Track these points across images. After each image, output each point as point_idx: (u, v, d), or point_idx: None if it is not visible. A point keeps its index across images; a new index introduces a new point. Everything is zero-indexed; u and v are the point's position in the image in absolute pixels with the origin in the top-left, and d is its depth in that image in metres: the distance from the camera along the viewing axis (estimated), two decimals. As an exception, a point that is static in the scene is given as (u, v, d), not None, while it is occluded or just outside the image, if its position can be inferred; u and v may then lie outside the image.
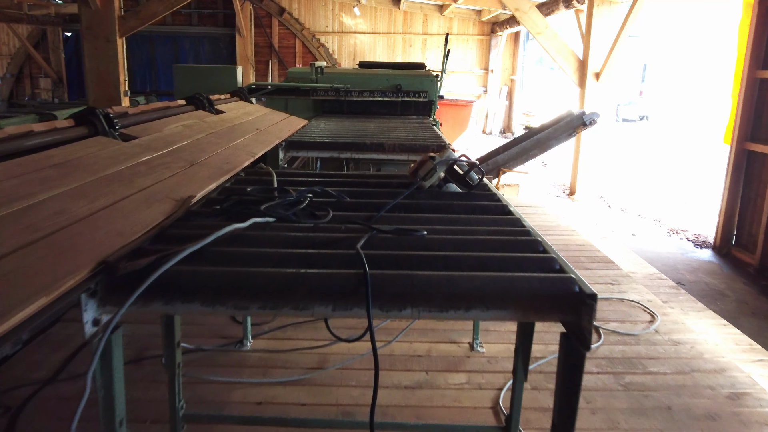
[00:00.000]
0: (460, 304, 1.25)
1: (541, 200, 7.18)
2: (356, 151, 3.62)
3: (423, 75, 5.34)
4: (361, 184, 2.24)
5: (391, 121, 4.84)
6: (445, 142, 3.61)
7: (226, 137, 2.91)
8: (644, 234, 6.14)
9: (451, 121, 10.56)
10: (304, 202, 1.75)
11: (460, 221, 1.72)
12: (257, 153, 2.79)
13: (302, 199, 1.77)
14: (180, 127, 2.79)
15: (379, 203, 1.88)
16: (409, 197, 1.96)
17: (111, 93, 7.51)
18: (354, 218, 1.70)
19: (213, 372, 2.42)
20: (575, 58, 7.64)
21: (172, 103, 3.22)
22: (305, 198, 1.79)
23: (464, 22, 14.92)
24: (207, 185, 1.98)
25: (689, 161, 11.54)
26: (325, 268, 1.33)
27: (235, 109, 3.92)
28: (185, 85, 5.36)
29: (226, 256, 1.37)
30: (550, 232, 4.68)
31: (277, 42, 14.87)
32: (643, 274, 4.35)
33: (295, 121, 4.26)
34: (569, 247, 4.32)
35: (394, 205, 1.81)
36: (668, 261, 5.31)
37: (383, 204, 1.84)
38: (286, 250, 1.39)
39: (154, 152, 2.22)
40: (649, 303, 3.32)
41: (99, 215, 1.45)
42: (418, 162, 2.12)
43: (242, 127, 3.35)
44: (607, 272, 3.85)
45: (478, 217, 1.76)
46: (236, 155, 2.59)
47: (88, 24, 7.36)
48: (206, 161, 2.32)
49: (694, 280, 4.88)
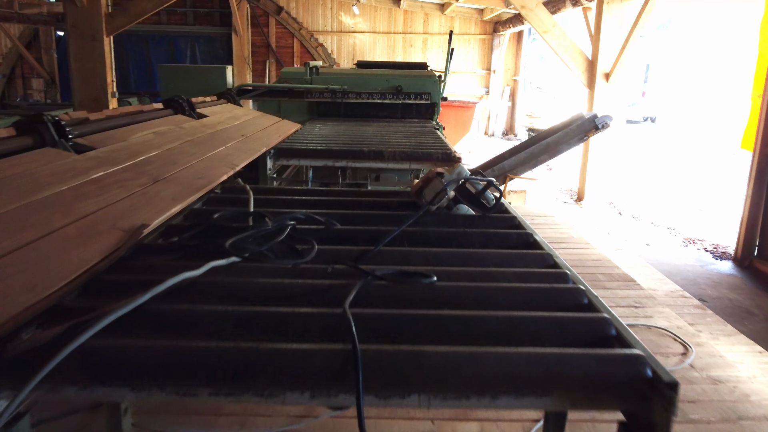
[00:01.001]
0: (485, 390, 0.91)
1: (549, 207, 6.85)
2: (353, 160, 3.29)
3: (425, 75, 5.00)
4: (356, 205, 1.91)
5: (390, 125, 4.50)
6: (452, 151, 3.27)
7: (204, 146, 2.58)
8: (659, 244, 5.80)
9: (453, 123, 10.23)
10: (283, 232, 1.41)
11: (476, 258, 1.38)
12: (238, 164, 2.45)
13: (281, 229, 1.43)
14: (150, 135, 2.45)
15: (377, 232, 1.55)
16: (413, 223, 1.63)
17: (98, 94, 7.17)
18: (345, 254, 1.37)
19: (183, 422, 2.09)
20: (584, 58, 7.30)
21: (145, 107, 2.88)
22: (285, 227, 1.45)
23: (466, 22, 14.58)
24: (169, 208, 1.65)
25: (700, 165, 11.20)
26: (303, 334, 1.00)
27: (220, 112, 3.58)
28: (171, 86, 5.03)
29: (168, 318, 1.03)
30: (563, 245, 4.35)
31: (275, 42, 14.53)
32: (665, 291, 4.01)
33: (286, 126, 3.92)
34: (585, 263, 3.98)
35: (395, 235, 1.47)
36: (687, 275, 4.97)
37: (381, 233, 1.50)
38: (252, 308, 1.05)
39: (112, 166, 1.88)
40: (679, 330, 2.98)
41: (9, 259, 1.11)
42: (423, 179, 1.78)
43: (225, 134, 3.01)
44: (628, 293, 3.51)
45: (499, 252, 1.42)
46: (213, 168, 2.25)
47: (73, 22, 7.03)
48: (175, 176, 1.98)
49: (716, 296, 4.54)
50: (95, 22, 7.01)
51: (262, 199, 1.92)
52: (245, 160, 2.59)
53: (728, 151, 13.26)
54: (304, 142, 3.49)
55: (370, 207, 1.89)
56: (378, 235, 1.52)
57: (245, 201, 1.86)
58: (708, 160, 11.88)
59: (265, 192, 2.07)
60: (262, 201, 1.90)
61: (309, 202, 1.92)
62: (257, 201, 1.88)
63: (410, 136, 3.96)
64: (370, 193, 2.11)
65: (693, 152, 12.99)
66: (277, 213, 1.75)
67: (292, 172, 3.87)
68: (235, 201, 1.89)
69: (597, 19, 7.16)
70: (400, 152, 3.26)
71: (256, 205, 1.84)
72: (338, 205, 1.90)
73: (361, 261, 1.34)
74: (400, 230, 1.46)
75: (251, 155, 2.70)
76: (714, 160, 11.82)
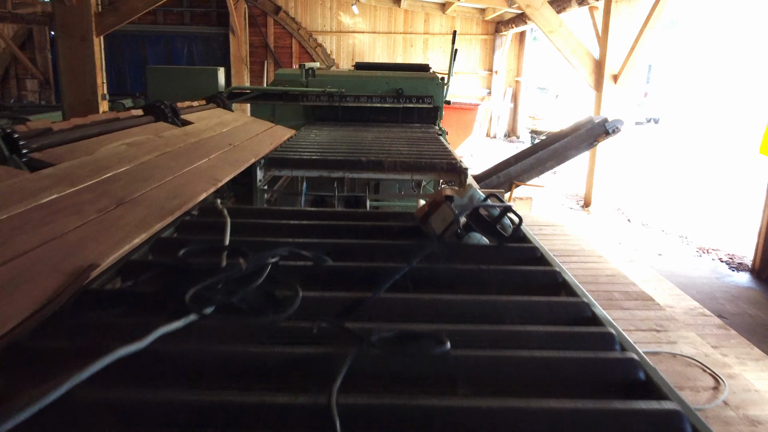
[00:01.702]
0: None
1: (556, 214, 6.60)
2: (350, 170, 3.03)
3: (427, 78, 4.74)
4: (351, 231, 1.65)
5: (391, 130, 4.25)
6: (457, 160, 3.02)
7: (184, 158, 2.32)
8: (671, 254, 5.55)
9: (455, 126, 9.98)
10: (260, 275, 1.16)
11: (497, 309, 1.12)
12: (222, 179, 2.20)
13: (259, 271, 1.18)
14: (123, 147, 2.19)
15: (375, 270, 1.30)
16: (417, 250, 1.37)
17: (88, 96, 6.92)
18: (335, 304, 1.12)
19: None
20: (591, 59, 7.04)
21: (122, 114, 2.62)
22: (264, 267, 1.20)
23: (467, 21, 14.32)
24: (130, 240, 1.39)
25: (707, 168, 10.94)
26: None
27: (207, 118, 3.33)
28: (160, 89, 4.77)
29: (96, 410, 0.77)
30: (575, 259, 4.10)
31: (273, 42, 14.27)
32: (683, 309, 3.76)
33: (279, 132, 3.67)
34: (599, 279, 3.73)
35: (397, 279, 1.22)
36: (703, 288, 4.72)
37: (380, 272, 1.25)
38: (209, 398, 0.79)
39: (69, 186, 1.63)
40: (707, 359, 2.73)
41: None
42: (429, 203, 1.53)
43: (211, 143, 2.76)
44: (647, 314, 3.26)
45: (524, 301, 1.16)
46: (191, 184, 2.00)
47: (62, 21, 6.78)
48: (144, 196, 1.73)
49: (736, 312, 4.28)
50: (84, 21, 6.76)
51: (243, 224, 1.67)
52: (230, 174, 2.34)
53: (735, 153, 13.01)
54: (298, 151, 3.24)
55: (368, 234, 1.63)
56: (377, 272, 1.27)
57: (219, 229, 1.61)
58: (715, 162, 11.63)
59: (246, 214, 1.82)
60: (243, 227, 1.65)
61: (297, 228, 1.67)
62: (237, 227, 1.63)
63: (412, 143, 3.71)
64: (369, 215, 1.85)
65: (699, 154, 12.73)
66: (258, 243, 1.50)
67: (284, 183, 3.62)
68: (213, 226, 1.63)
69: (605, 19, 6.91)
70: (401, 162, 3.00)
71: (237, 231, 1.59)
72: (331, 232, 1.65)
73: (355, 314, 1.09)
74: (402, 273, 1.20)
75: (237, 167, 2.44)
76: (721, 163, 11.56)
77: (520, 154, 5.61)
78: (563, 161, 5.26)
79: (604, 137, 5.20)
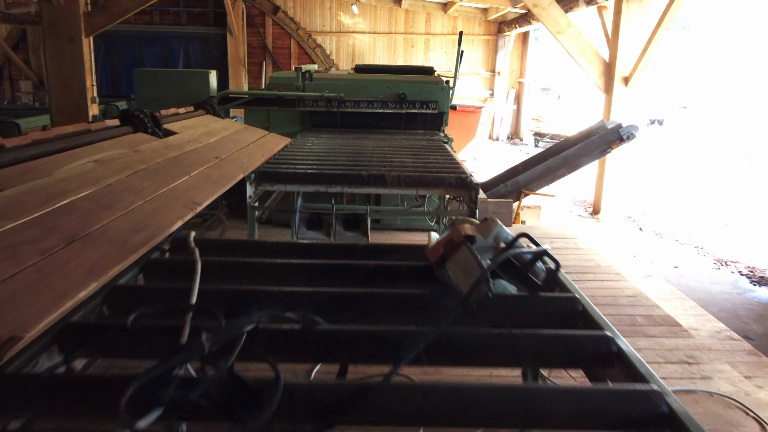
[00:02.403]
0: None
1: (565, 223, 6.32)
2: (349, 185, 2.76)
3: (432, 81, 4.47)
4: (350, 272, 1.38)
5: (393, 138, 3.98)
6: (467, 175, 2.75)
7: (161, 176, 2.05)
8: (688, 266, 5.27)
9: (458, 129, 9.69)
10: (230, 355, 0.88)
11: (541, 406, 0.85)
12: (202, 201, 1.92)
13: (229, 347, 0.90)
14: (90, 165, 1.92)
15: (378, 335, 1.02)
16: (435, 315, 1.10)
17: (77, 100, 6.65)
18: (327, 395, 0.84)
19: None
20: (600, 61, 6.76)
21: (95, 125, 2.34)
22: (238, 339, 0.93)
23: (470, 22, 14.04)
24: (74, 293, 1.12)
25: (715, 172, 10.66)
26: None
27: (193, 127, 3.06)
28: (148, 93, 4.50)
29: None
30: (591, 276, 3.82)
31: (271, 42, 13.98)
32: (709, 331, 3.48)
33: (273, 141, 3.39)
34: (619, 301, 3.45)
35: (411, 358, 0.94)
36: (725, 305, 4.44)
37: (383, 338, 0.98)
38: None
39: (10, 221, 1.35)
40: (748, 399, 2.45)
41: None
42: (444, 243, 1.25)
43: (194, 157, 2.48)
44: (675, 342, 2.98)
45: (576, 392, 0.88)
46: (165, 210, 1.72)
47: (49, 21, 6.53)
48: (105, 229, 1.45)
49: (763, 333, 4.01)
50: (73, 21, 6.49)
51: (219, 264, 1.39)
52: (213, 194, 2.06)
53: (744, 156, 12.74)
54: (293, 163, 2.97)
55: (369, 277, 1.36)
56: (379, 339, 1.00)
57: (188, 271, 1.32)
58: (723, 166, 11.35)
59: (223, 250, 1.54)
60: (219, 268, 1.38)
61: (285, 270, 1.39)
62: (212, 268, 1.35)
63: (416, 152, 3.43)
64: (371, 249, 1.57)
65: (706, 157, 12.45)
66: (234, 295, 1.22)
67: (278, 198, 3.35)
68: (185, 267, 1.35)
69: (615, 19, 6.63)
70: (405, 177, 2.73)
71: (211, 274, 1.31)
72: (326, 273, 1.37)
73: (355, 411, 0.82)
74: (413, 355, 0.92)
75: (221, 186, 2.16)
76: (729, 167, 11.28)
77: (528, 162, 5.34)
78: (575, 169, 4.98)
79: (618, 144, 4.93)
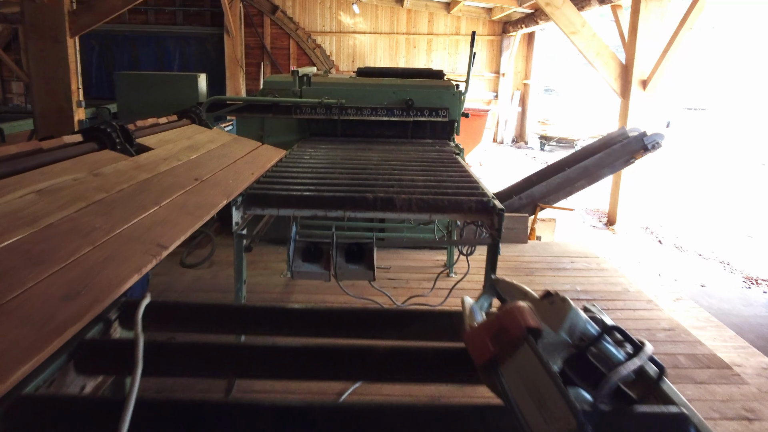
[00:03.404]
0: None
1: (579, 234, 5.94)
2: (352, 209, 2.38)
3: (442, 86, 4.08)
4: (353, 358, 0.99)
5: (400, 149, 3.59)
6: (490, 197, 2.36)
7: (122, 208, 1.66)
8: (716, 285, 4.89)
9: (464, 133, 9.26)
10: None
11: None
12: (169, 243, 1.53)
13: None
14: (29, 198, 1.53)
15: None
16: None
17: (61, 103, 6.25)
18: None
19: None
20: (617, 63, 6.38)
21: (47, 143, 1.95)
22: None
23: (473, 22, 13.66)
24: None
25: (730, 178, 10.27)
26: None
27: (174, 141, 2.67)
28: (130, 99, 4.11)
29: None
30: (620, 305, 3.43)
31: (270, 42, 13.60)
32: (754, 368, 3.09)
33: (265, 154, 3.01)
34: (656, 336, 3.06)
35: None
36: (762, 330, 4.06)
37: None
38: None
39: None
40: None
41: None
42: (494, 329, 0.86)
43: (169, 179, 2.10)
44: (729, 390, 2.60)
45: None
46: (118, 259, 1.34)
47: (32, 20, 6.12)
48: (27, 295, 1.07)
49: (809, 365, 3.63)
50: (57, 21, 6.09)
51: (175, 350, 1.01)
52: (186, 230, 1.67)
53: (757, 161, 12.36)
54: (287, 182, 2.58)
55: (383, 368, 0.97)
56: None
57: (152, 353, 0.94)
58: (736, 171, 10.95)
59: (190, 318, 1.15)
60: (172, 359, 0.99)
61: (269, 357, 1.00)
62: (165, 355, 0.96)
63: (427, 167, 3.05)
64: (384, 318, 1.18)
65: (717, 162, 12.06)
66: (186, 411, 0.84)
67: (269, 222, 2.96)
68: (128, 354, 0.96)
69: (632, 19, 6.25)
70: (417, 200, 2.35)
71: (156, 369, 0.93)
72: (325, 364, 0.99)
73: None
74: None
75: (197, 219, 1.77)
76: (743, 172, 10.89)
77: (543, 172, 4.96)
78: (595, 181, 4.60)
79: (642, 154, 4.55)
